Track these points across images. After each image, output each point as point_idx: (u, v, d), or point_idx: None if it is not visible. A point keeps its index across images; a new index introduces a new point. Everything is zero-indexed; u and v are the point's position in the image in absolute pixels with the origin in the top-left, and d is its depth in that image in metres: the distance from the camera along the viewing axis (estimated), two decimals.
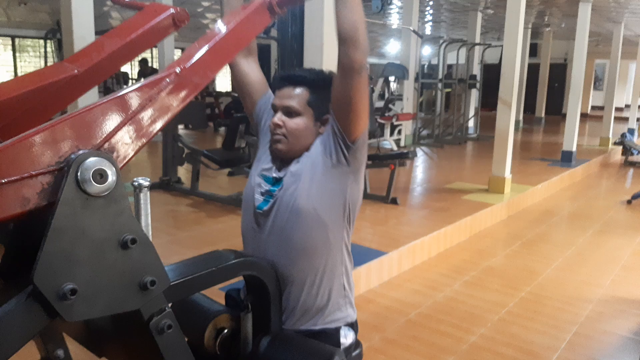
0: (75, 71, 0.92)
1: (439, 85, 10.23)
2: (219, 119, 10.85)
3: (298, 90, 1.39)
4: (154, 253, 0.74)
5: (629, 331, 2.96)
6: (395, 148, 8.48)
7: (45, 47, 9.75)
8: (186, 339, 1.54)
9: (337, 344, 1.40)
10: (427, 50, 16.86)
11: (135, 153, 0.75)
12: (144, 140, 0.76)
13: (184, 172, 5.83)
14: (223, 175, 6.02)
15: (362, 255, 3.51)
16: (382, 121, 8.67)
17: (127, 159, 0.73)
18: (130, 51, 1.07)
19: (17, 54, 11.09)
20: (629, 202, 6.08)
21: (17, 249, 0.70)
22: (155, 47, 9.38)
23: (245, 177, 4.98)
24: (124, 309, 0.71)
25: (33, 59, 11.43)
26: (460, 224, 4.54)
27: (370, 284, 3.43)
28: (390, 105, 9.53)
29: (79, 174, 0.65)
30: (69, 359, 1.31)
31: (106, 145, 0.71)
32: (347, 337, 1.44)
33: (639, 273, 3.94)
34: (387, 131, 8.81)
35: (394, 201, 5.04)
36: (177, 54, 13.91)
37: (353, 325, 1.48)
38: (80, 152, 0.66)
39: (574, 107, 7.90)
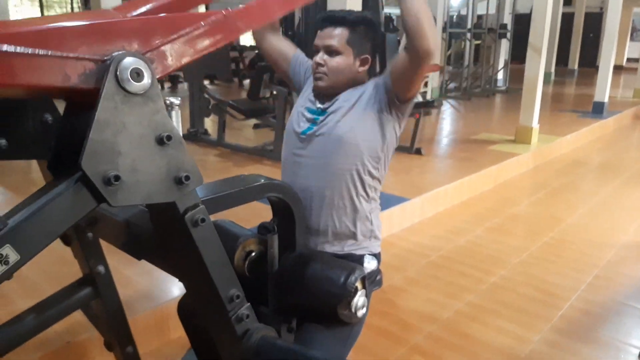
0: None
1: (468, 35, 9.93)
2: (243, 72, 10.82)
3: (338, 30, 1.44)
4: (187, 152, 0.80)
5: None
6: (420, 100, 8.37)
7: (71, 1, 9.79)
8: None
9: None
10: (456, 1, 16.31)
11: (170, 71, 0.81)
12: (178, 64, 0.81)
13: (210, 123, 5.92)
14: (248, 127, 6.09)
15: (384, 201, 3.53)
16: None
17: (163, 73, 0.78)
18: None
19: (45, 10, 11.18)
20: None
21: (64, 145, 0.76)
22: None
23: (271, 129, 5.04)
24: (162, 199, 0.78)
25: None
26: (484, 173, 4.53)
27: (392, 228, 3.50)
28: None
29: (118, 71, 0.70)
30: (109, 275, 1.43)
31: (148, 54, 0.76)
32: (369, 264, 1.52)
33: None
34: None
35: (418, 151, 5.04)
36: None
37: (376, 256, 1.56)
38: (121, 52, 0.72)
39: (607, 58, 7.63)
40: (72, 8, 9.95)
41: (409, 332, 2.34)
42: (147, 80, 0.74)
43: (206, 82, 10.07)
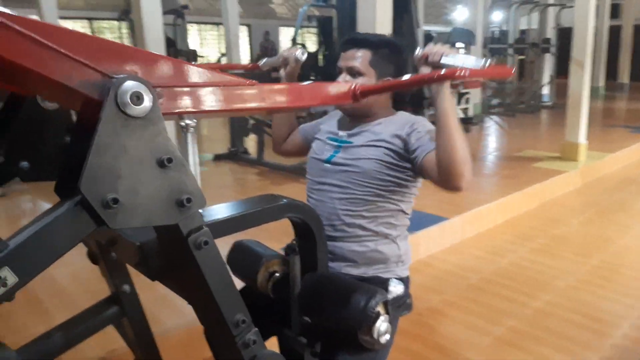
0: None
1: (509, 50, 9.72)
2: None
3: (361, 52, 1.43)
4: (190, 174, 0.78)
5: None
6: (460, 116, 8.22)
7: (119, 27, 10.24)
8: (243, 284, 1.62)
9: (386, 290, 1.42)
10: (498, 16, 16.04)
11: (174, 113, 0.82)
12: (183, 110, 0.83)
13: (251, 143, 5.99)
14: None
15: (422, 221, 3.48)
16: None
17: (166, 112, 0.79)
18: None
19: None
20: None
21: (69, 168, 0.76)
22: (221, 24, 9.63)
23: None
24: (163, 222, 0.76)
25: None
26: (529, 191, 4.36)
27: (430, 249, 3.39)
28: None
29: (118, 95, 0.70)
30: (134, 294, 1.43)
31: (158, 89, 0.76)
32: (396, 288, 1.46)
33: None
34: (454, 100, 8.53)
35: None
36: (242, 29, 14.13)
37: (403, 280, 1.50)
38: (120, 76, 0.71)
39: None
40: (120, 32, 10.40)
41: (445, 358, 2.23)
42: (147, 103, 0.73)
43: None
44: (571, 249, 3.53)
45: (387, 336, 1.30)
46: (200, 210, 1.14)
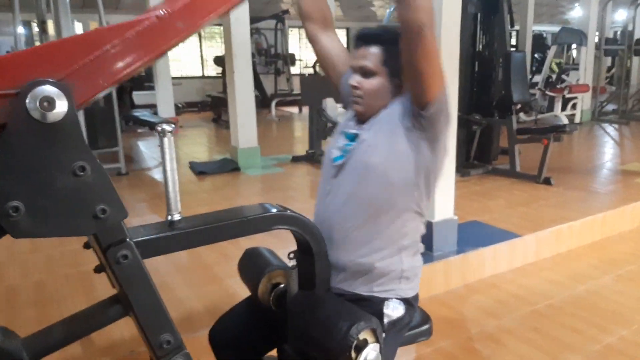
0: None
1: (627, 52, 8.76)
2: None
3: (372, 50, 1.35)
4: (109, 184, 0.76)
5: None
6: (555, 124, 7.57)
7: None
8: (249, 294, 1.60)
9: (379, 313, 1.31)
10: (621, 15, 14.54)
11: (98, 91, 0.77)
12: (108, 81, 0.77)
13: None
14: None
15: (491, 236, 3.23)
16: (552, 94, 7.77)
17: (88, 95, 0.75)
18: None
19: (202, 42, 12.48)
20: None
21: None
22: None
23: None
24: (75, 233, 0.75)
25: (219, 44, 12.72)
26: (625, 209, 3.87)
27: (497, 268, 3.13)
28: (564, 76, 8.49)
29: (27, 100, 0.69)
30: None
31: (67, 79, 0.73)
32: (394, 310, 1.34)
33: None
34: (559, 105, 7.87)
35: (546, 181, 4.51)
36: (342, 33, 14.18)
37: (407, 300, 1.37)
38: (31, 82, 0.70)
39: None
40: None
41: None
42: (60, 108, 0.71)
43: (339, 105, 10.32)
44: None
45: None
46: (177, 215, 1.13)
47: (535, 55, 10.80)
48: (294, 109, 11.40)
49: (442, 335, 2.41)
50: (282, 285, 1.48)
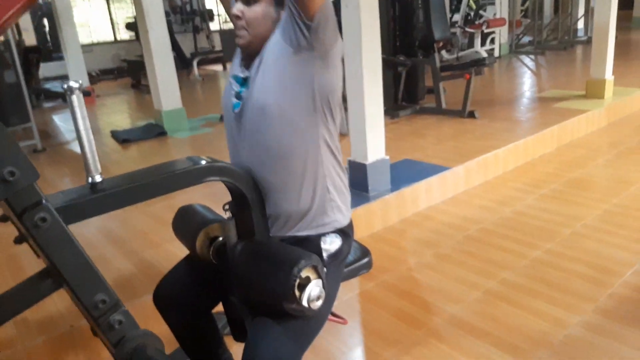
0: None
1: None
2: None
3: None
4: (15, 146, 0.70)
5: None
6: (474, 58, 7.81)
7: None
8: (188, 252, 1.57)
9: (318, 249, 1.33)
10: None
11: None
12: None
13: None
14: None
15: (423, 172, 3.34)
16: (472, 30, 7.97)
17: None
18: None
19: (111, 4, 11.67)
20: None
21: None
22: None
23: None
24: None
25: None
26: (545, 133, 4.10)
27: (431, 201, 3.26)
28: (482, 12, 8.70)
29: None
30: None
31: None
32: (331, 244, 1.36)
33: None
34: (478, 41, 8.09)
35: (471, 115, 4.68)
36: None
37: (342, 231, 1.39)
38: None
39: None
40: None
41: (428, 314, 2.15)
42: None
43: None
44: (585, 194, 3.32)
45: (320, 302, 1.22)
46: (98, 177, 1.07)
47: None
48: (218, 67, 11.02)
49: (383, 270, 2.51)
50: (220, 239, 1.46)
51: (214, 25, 11.89)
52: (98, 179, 1.08)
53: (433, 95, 5.12)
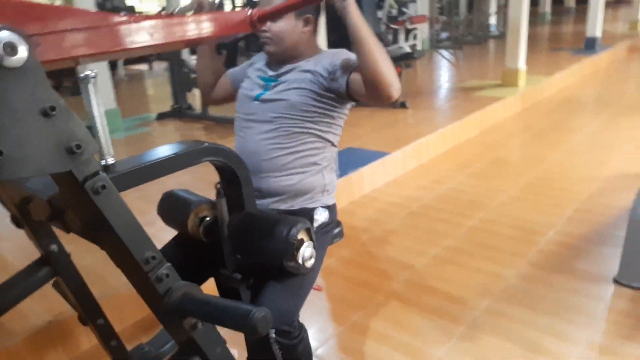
0: None
1: None
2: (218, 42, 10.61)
3: None
4: (77, 121, 0.83)
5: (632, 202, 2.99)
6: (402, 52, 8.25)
7: None
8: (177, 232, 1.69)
9: (310, 219, 1.52)
10: None
11: (57, 60, 0.83)
12: (65, 55, 0.83)
13: (195, 98, 5.92)
14: None
15: (365, 157, 3.59)
16: (396, 27, 8.38)
17: (49, 57, 0.81)
18: None
19: None
20: None
21: None
22: None
23: None
24: (54, 170, 0.81)
25: None
26: (468, 119, 4.52)
27: (375, 183, 3.53)
28: (404, 9, 9.16)
29: None
30: (64, 253, 1.48)
31: (34, 37, 0.78)
32: (321, 215, 1.56)
33: None
34: (402, 37, 8.53)
35: (402, 105, 5.02)
36: None
37: (329, 207, 1.60)
38: None
39: None
40: None
41: (386, 281, 2.40)
42: (22, 53, 0.76)
43: (193, 57, 10.02)
44: (507, 170, 3.74)
45: (312, 260, 1.41)
46: (110, 159, 1.20)
47: None
48: (143, 67, 10.80)
49: (340, 247, 2.73)
50: (208, 218, 1.60)
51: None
52: (111, 160, 1.20)
53: None
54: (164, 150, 1.37)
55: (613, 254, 2.39)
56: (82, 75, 1.17)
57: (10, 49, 0.74)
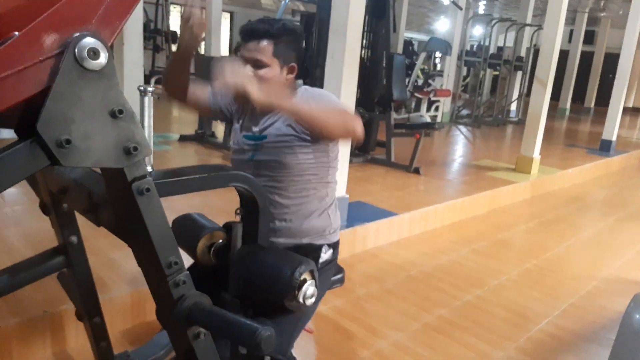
0: None
1: (482, 64, 10.05)
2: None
3: (263, 43, 1.48)
4: (139, 126, 0.91)
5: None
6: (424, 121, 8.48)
7: None
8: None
9: (317, 257, 1.58)
10: (478, 31, 16.46)
11: (123, 24, 0.91)
12: (121, 19, 0.90)
13: (219, 127, 6.08)
14: None
15: (373, 214, 3.66)
16: (420, 96, 8.66)
17: (116, 32, 0.89)
18: None
19: None
20: None
21: (30, 115, 0.88)
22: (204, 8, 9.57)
23: None
24: (111, 165, 0.88)
25: None
26: (478, 196, 4.60)
27: (378, 241, 3.58)
28: (430, 81, 9.48)
29: (76, 51, 0.82)
30: (81, 245, 1.54)
31: (95, 22, 0.86)
32: (326, 253, 1.62)
33: None
34: (424, 106, 8.79)
35: (416, 171, 5.13)
36: (225, 16, 14.10)
37: (333, 245, 1.66)
38: (78, 34, 0.83)
39: (617, 97, 7.70)
40: None
41: (374, 338, 2.41)
42: (102, 59, 0.85)
43: None
44: (509, 253, 3.77)
45: (313, 299, 1.45)
46: (149, 167, 1.28)
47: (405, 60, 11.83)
48: None
49: (335, 296, 2.75)
50: (220, 241, 1.66)
51: (175, 47, 12.01)
52: (149, 169, 1.28)
53: (383, 148, 5.55)
54: (198, 169, 1.45)
55: (601, 354, 2.40)
56: (141, 87, 1.27)
57: (94, 53, 0.83)
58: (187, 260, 1.74)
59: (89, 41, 0.83)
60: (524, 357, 2.37)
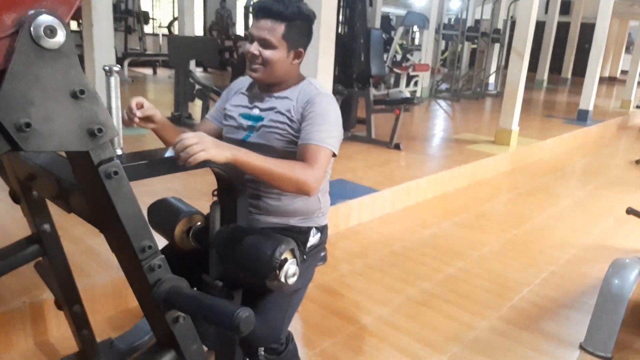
0: None
1: (460, 38, 10.02)
2: (231, 61, 10.73)
3: (275, 24, 1.44)
4: (102, 106, 0.87)
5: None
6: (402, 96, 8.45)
7: None
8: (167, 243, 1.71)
9: (306, 240, 1.56)
10: (455, 4, 16.38)
11: (79, 1, 0.86)
12: None
13: (196, 109, 5.98)
14: None
15: (355, 191, 3.65)
16: (399, 71, 8.61)
17: (73, 9, 0.84)
18: None
19: None
20: (637, 162, 6.04)
21: None
22: None
23: None
24: (74, 148, 0.85)
25: None
26: (459, 170, 4.62)
27: (362, 218, 3.58)
28: (409, 56, 9.43)
29: (32, 29, 0.77)
30: (55, 233, 1.50)
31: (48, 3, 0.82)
32: (314, 236, 1.60)
33: (631, 226, 3.99)
34: (403, 82, 8.76)
35: (397, 147, 5.12)
36: None
37: (321, 229, 1.64)
38: (33, 12, 0.78)
39: (593, 67, 7.76)
40: None
41: (359, 313, 2.42)
42: (60, 37, 0.80)
43: (199, 70, 10.14)
44: (490, 225, 3.81)
45: (295, 277, 1.44)
46: (118, 150, 1.23)
47: (383, 35, 11.73)
48: (148, 70, 10.86)
49: (319, 274, 2.73)
50: (199, 224, 1.63)
51: (147, 28, 11.74)
52: (119, 152, 1.24)
53: (363, 125, 5.52)
54: (167, 152, 1.41)
55: (582, 320, 2.45)
56: (106, 67, 1.22)
57: (50, 31, 0.79)
58: (161, 243, 1.72)
59: (45, 19, 0.78)
60: (507, 326, 2.41)
